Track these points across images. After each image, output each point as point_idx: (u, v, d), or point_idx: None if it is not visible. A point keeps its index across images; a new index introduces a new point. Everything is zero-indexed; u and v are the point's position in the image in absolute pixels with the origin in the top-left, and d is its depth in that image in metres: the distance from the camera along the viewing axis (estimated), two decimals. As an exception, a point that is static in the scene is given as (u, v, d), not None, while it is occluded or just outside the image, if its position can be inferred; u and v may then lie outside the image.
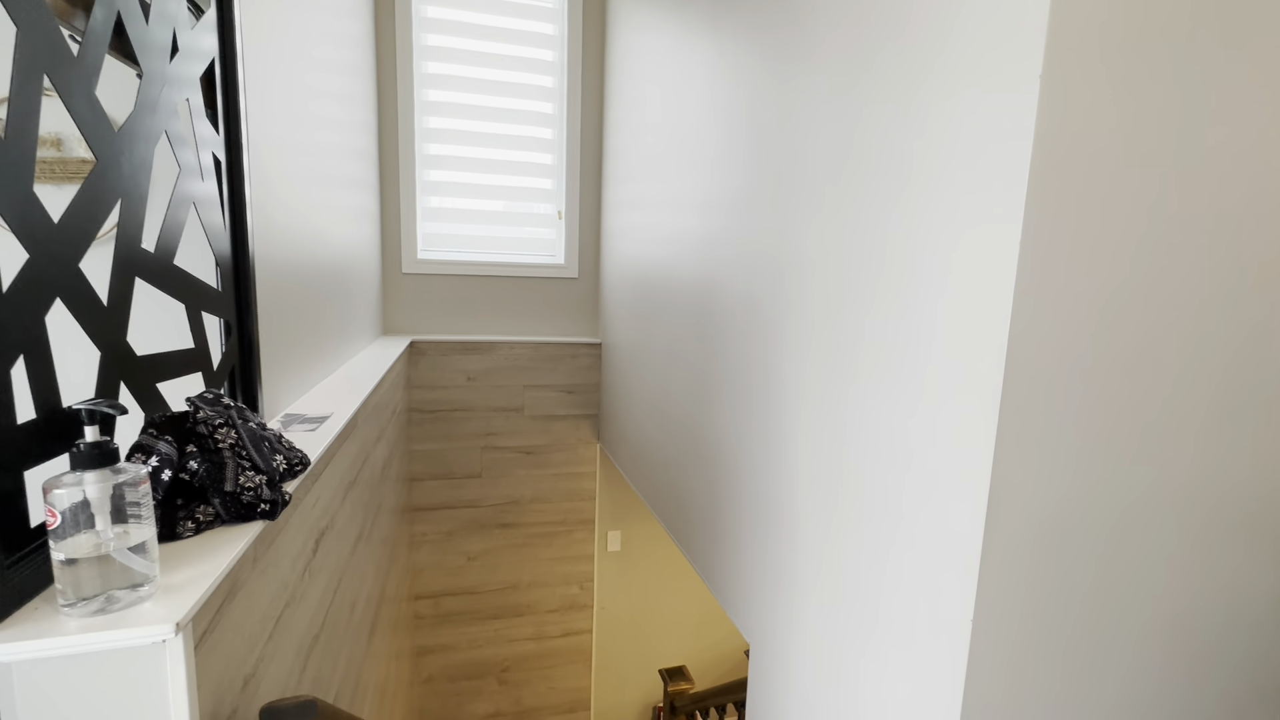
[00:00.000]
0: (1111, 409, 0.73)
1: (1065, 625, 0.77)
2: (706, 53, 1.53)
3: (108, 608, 0.56)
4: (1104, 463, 0.74)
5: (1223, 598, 0.82)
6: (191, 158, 0.88)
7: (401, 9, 2.42)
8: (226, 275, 1.00)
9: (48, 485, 0.53)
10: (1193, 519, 0.79)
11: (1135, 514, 0.76)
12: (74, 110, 0.63)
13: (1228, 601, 0.83)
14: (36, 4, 0.57)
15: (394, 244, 2.57)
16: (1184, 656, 0.82)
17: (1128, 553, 0.77)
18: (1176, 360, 0.74)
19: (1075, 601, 0.77)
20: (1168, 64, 0.67)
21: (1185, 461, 0.77)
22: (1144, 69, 0.66)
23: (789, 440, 1.15)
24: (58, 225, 0.60)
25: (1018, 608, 0.75)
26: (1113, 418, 0.73)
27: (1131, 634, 0.80)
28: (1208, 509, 0.79)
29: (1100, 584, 0.77)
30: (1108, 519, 0.75)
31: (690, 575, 3.13)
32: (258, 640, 0.79)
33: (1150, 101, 0.67)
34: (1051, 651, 0.77)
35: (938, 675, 0.79)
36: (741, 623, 1.36)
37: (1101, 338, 0.71)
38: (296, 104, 1.37)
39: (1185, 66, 0.67)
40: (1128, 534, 0.77)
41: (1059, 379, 0.70)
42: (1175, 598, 0.80)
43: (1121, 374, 0.72)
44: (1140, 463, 0.75)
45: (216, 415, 0.76)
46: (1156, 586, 0.79)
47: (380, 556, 1.84)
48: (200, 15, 0.92)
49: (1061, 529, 0.74)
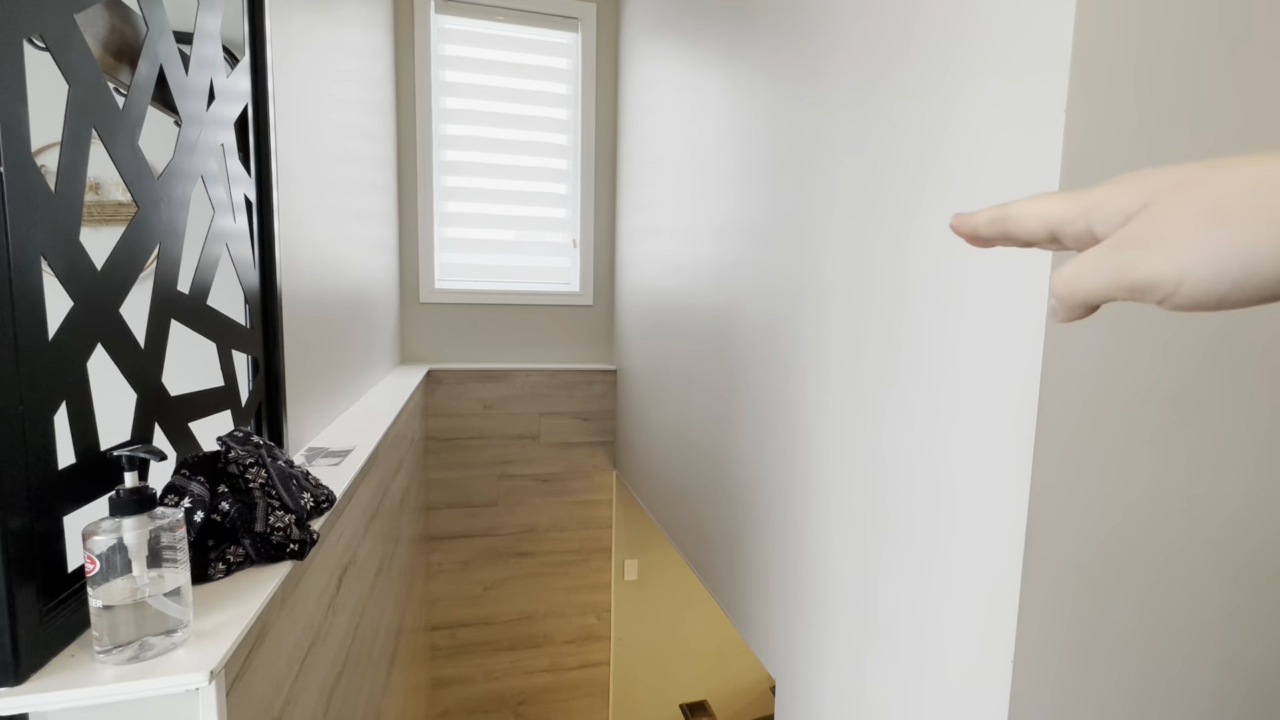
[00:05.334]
0: (1152, 438, 0.71)
1: (1110, 664, 0.74)
2: (721, 81, 1.55)
3: (141, 655, 0.55)
4: (1145, 494, 0.72)
5: (1276, 635, 0.79)
6: (224, 197, 0.90)
7: (421, 48, 2.48)
8: (255, 312, 1.02)
9: (87, 531, 0.54)
10: (1240, 551, 0.76)
11: (1179, 548, 0.74)
12: (118, 160, 0.65)
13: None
14: (88, 62, 0.59)
15: (412, 274, 2.60)
16: (1236, 698, 0.79)
17: (1173, 589, 0.75)
18: (1218, 387, 0.72)
19: (1120, 639, 0.74)
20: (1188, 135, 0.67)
21: (1230, 492, 0.75)
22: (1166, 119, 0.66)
23: (814, 470, 1.14)
24: (100, 273, 0.62)
25: (1060, 648, 0.72)
26: (1154, 447, 0.71)
27: (1179, 675, 0.77)
28: (1256, 541, 0.77)
29: (1145, 621, 0.75)
30: (1151, 553, 0.73)
31: (708, 605, 3.08)
32: (285, 682, 0.78)
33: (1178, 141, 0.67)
34: (1096, 693, 0.75)
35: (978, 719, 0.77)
36: (766, 657, 1.34)
37: (1140, 365, 0.69)
38: (322, 141, 1.40)
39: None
40: (1172, 569, 0.74)
41: (1096, 409, 0.69)
42: (1225, 635, 0.78)
43: (1162, 402, 0.71)
44: (1183, 494, 0.73)
45: (247, 454, 0.77)
46: (1205, 624, 0.77)
47: (399, 588, 1.83)
48: (235, 63, 0.95)
49: (1104, 564, 0.72)
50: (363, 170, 1.87)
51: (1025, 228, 0.28)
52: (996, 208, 0.29)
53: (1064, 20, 0.63)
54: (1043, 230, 0.27)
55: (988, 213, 0.29)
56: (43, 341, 0.54)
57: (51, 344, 0.55)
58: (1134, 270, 0.24)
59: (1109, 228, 0.25)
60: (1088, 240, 0.26)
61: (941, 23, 0.81)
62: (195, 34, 0.82)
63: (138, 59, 0.68)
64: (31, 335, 0.52)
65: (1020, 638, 0.71)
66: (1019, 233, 0.28)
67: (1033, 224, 0.28)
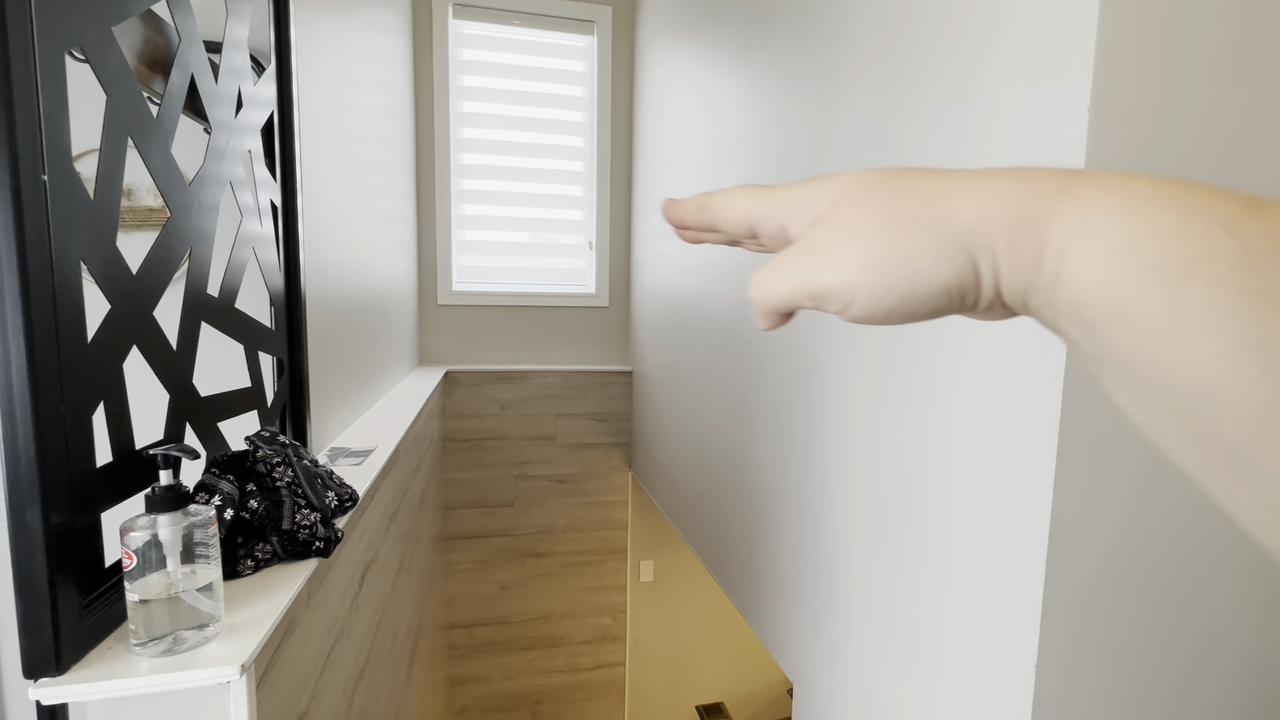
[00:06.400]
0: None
1: (1135, 668, 0.73)
2: (738, 83, 1.55)
3: (175, 648, 0.57)
4: (1172, 495, 0.71)
5: (1305, 643, 0.78)
6: (251, 202, 0.92)
7: (438, 53, 2.51)
8: (280, 314, 1.04)
9: (125, 527, 0.55)
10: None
11: (1207, 551, 0.73)
12: (152, 168, 0.66)
13: (1311, 647, 0.78)
14: (125, 74, 0.61)
15: (430, 277, 2.63)
16: (1268, 703, 0.78)
17: (1201, 594, 0.74)
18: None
19: (1145, 643, 0.73)
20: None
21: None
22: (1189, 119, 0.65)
23: (833, 471, 1.13)
24: (135, 276, 0.63)
25: (1084, 652, 0.72)
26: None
27: (1206, 680, 0.76)
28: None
29: (1171, 625, 0.74)
30: (1178, 555, 0.72)
31: (724, 607, 3.07)
32: (310, 677, 0.79)
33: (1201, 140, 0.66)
34: (1121, 697, 0.74)
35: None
36: (784, 660, 1.33)
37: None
38: (343, 146, 1.43)
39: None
40: (1199, 573, 0.73)
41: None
42: (1255, 639, 0.76)
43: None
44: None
45: (274, 454, 0.78)
46: (1234, 628, 0.75)
47: (418, 587, 1.85)
48: (262, 71, 0.97)
49: (1128, 567, 0.71)
50: (382, 174, 1.90)
51: (726, 219, 0.26)
52: (702, 196, 0.27)
53: (1088, 19, 0.63)
54: (743, 223, 0.25)
55: (695, 200, 0.27)
56: (82, 344, 0.56)
57: (90, 346, 0.57)
58: (813, 278, 0.22)
59: (800, 229, 0.24)
60: (783, 239, 0.25)
61: (964, 24, 0.80)
62: (224, 43, 0.84)
63: (170, 68, 0.70)
64: (72, 338, 0.54)
65: (1043, 641, 0.70)
66: (721, 224, 0.26)
67: (733, 215, 0.26)
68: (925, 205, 0.21)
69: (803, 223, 0.23)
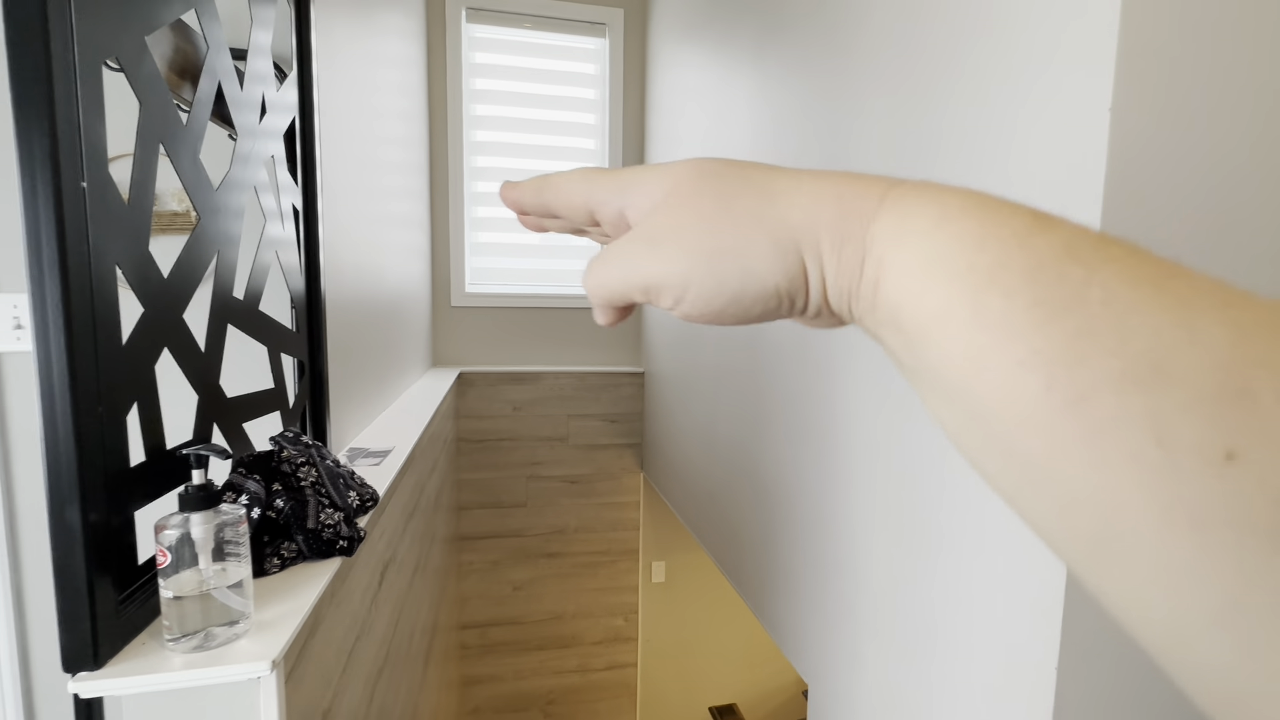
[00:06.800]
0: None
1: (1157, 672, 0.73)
2: (750, 85, 1.56)
3: (206, 644, 0.58)
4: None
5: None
6: (274, 206, 0.94)
7: (452, 57, 2.53)
8: (301, 316, 1.05)
9: (159, 525, 0.56)
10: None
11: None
12: (182, 173, 0.68)
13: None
14: (157, 83, 0.62)
15: (444, 279, 2.65)
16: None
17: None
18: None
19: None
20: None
21: None
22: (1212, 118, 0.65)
23: (848, 471, 1.13)
24: (167, 280, 0.65)
25: (1105, 653, 0.71)
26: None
27: (1231, 684, 0.75)
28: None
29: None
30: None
31: (736, 607, 3.07)
32: (333, 674, 0.81)
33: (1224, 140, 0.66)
34: (1143, 701, 0.73)
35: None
36: (799, 662, 1.33)
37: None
38: (361, 149, 1.44)
39: (1265, 95, 0.66)
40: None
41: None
42: None
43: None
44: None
45: (299, 454, 0.80)
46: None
47: (434, 586, 1.87)
48: (284, 77, 0.98)
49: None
50: (398, 177, 1.92)
51: (565, 202, 0.24)
52: (540, 177, 0.25)
53: (1109, 17, 0.63)
54: (582, 207, 0.24)
55: (533, 182, 0.25)
56: (118, 346, 0.57)
57: (125, 348, 0.58)
58: (642, 270, 0.21)
59: (638, 215, 0.22)
60: (622, 226, 0.23)
61: (982, 24, 0.80)
62: (249, 49, 0.85)
63: (197, 76, 0.72)
64: (109, 341, 0.55)
65: (1065, 643, 0.70)
66: (559, 207, 0.25)
67: (573, 199, 0.24)
68: (758, 201, 0.20)
69: (641, 209, 0.22)
